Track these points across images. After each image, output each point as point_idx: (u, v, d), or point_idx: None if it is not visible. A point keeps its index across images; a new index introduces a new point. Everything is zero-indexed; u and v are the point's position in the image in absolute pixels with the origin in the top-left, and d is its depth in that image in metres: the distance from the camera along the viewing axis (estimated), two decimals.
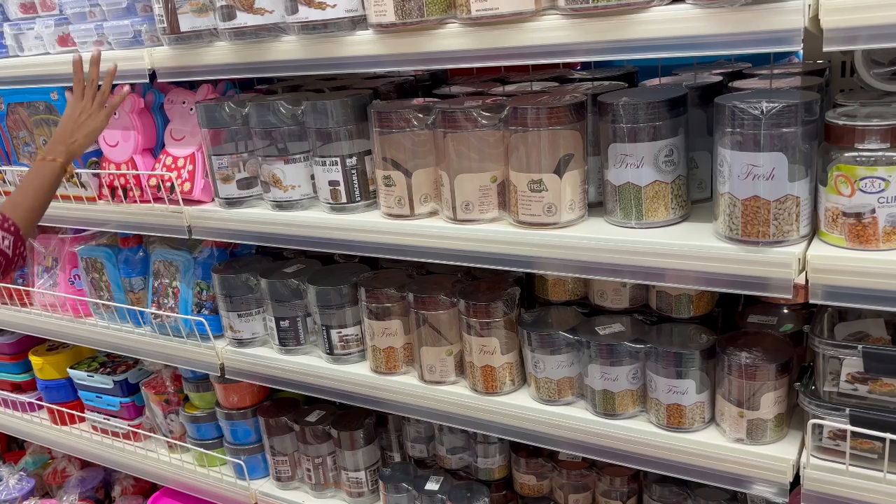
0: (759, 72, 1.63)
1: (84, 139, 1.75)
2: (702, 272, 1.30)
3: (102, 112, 1.77)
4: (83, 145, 1.76)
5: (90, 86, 1.76)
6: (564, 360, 1.60)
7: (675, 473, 1.51)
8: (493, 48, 1.33)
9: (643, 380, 1.54)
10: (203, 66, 1.72)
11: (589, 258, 1.40)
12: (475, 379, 1.70)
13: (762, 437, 1.42)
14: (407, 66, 1.45)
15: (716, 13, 1.14)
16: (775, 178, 1.21)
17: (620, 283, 1.65)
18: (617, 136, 1.37)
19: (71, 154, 1.74)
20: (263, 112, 1.76)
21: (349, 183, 1.69)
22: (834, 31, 1.07)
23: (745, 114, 1.20)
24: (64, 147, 1.73)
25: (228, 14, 1.59)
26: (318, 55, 1.53)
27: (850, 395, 1.30)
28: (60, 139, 1.74)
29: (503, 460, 2.03)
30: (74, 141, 1.74)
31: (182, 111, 2.00)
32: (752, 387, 1.40)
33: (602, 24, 1.22)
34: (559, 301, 1.75)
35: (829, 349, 1.29)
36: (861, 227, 1.19)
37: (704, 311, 1.62)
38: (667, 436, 1.50)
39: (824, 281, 1.21)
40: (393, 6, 1.37)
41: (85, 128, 1.75)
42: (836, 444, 1.32)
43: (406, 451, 2.17)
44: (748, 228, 1.25)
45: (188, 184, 1.94)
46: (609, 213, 1.45)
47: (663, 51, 1.20)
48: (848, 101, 1.31)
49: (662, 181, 1.37)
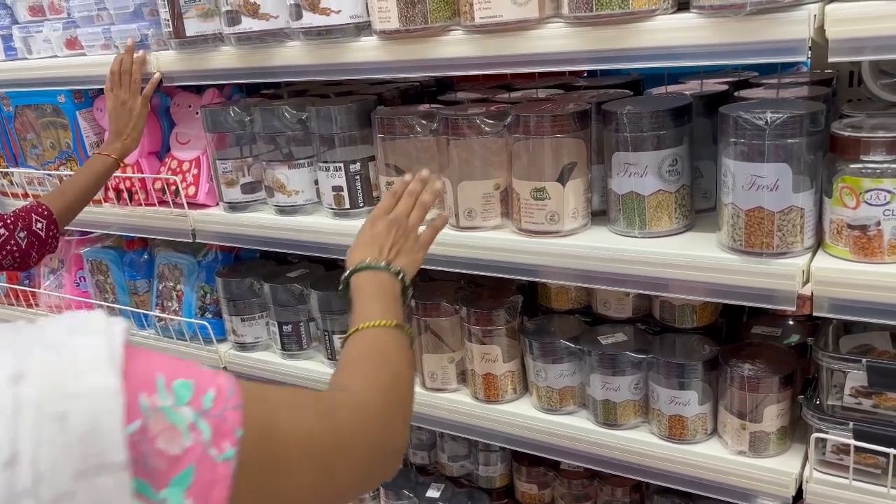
0: (765, 81, 1.62)
1: (132, 131, 1.83)
2: (705, 283, 1.29)
3: (138, 99, 1.83)
4: (135, 139, 1.84)
5: (126, 74, 1.83)
6: (566, 369, 1.59)
7: (676, 485, 1.49)
8: (496, 55, 1.33)
9: (645, 390, 1.53)
10: (208, 70, 1.73)
11: (591, 267, 1.39)
12: (476, 387, 1.70)
13: (765, 450, 1.41)
14: (410, 72, 1.45)
15: (720, 22, 1.13)
16: (779, 189, 1.20)
17: (624, 293, 1.64)
18: (620, 144, 1.36)
19: (125, 149, 1.83)
20: (268, 117, 1.76)
21: (353, 189, 1.69)
22: (839, 41, 1.06)
23: (749, 124, 1.19)
24: (120, 143, 1.81)
25: (233, 19, 1.59)
26: (322, 61, 1.53)
27: (855, 409, 1.28)
28: (116, 135, 1.83)
29: (505, 468, 2.02)
30: (126, 136, 1.82)
31: (188, 115, 2.00)
32: (755, 399, 1.39)
33: (606, 33, 1.22)
34: (562, 309, 1.74)
35: (833, 362, 1.28)
36: (866, 239, 1.18)
37: (708, 322, 1.60)
38: (668, 447, 1.48)
39: (828, 293, 1.20)
40: (397, 13, 1.36)
41: (130, 119, 1.82)
42: (840, 459, 1.30)
43: (407, 457, 2.17)
44: (752, 239, 1.24)
45: (193, 187, 1.95)
46: (612, 222, 1.44)
47: (667, 60, 1.20)
48: (854, 111, 1.30)
49: (666, 191, 1.36)
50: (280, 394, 0.76)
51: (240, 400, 0.65)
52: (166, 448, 0.59)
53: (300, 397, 0.80)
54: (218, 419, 0.62)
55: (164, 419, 0.59)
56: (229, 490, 0.61)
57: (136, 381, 0.59)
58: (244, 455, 0.63)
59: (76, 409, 0.55)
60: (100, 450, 0.55)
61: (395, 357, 0.99)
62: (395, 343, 1.01)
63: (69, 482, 0.54)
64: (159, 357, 0.63)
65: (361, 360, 0.98)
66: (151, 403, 0.59)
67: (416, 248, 1.19)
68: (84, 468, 0.54)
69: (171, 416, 0.59)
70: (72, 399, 0.55)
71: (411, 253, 1.18)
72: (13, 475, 0.53)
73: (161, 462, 0.58)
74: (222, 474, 0.61)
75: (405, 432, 0.93)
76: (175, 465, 0.59)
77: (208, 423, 0.62)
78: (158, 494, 0.58)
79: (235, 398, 0.65)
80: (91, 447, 0.55)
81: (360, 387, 0.90)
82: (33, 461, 0.53)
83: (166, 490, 0.58)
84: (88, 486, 0.54)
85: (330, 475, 0.76)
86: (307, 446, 0.73)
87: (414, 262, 1.18)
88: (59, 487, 0.54)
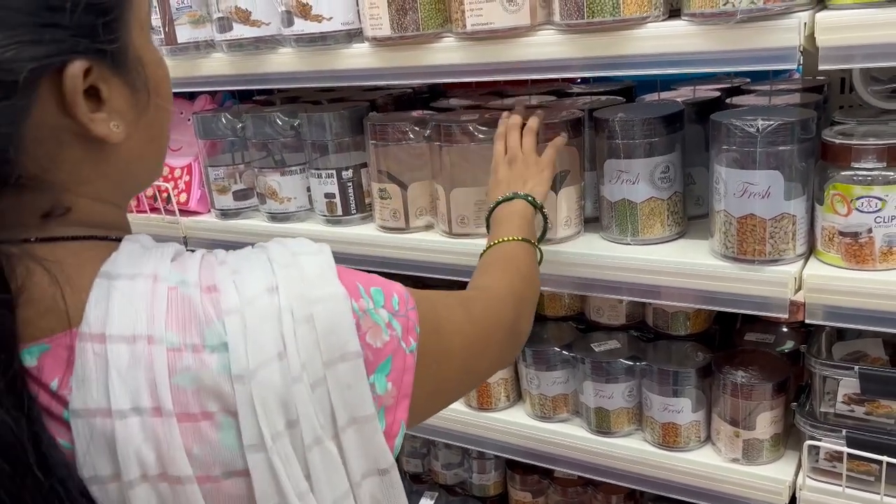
0: (757, 88, 1.62)
1: None
2: (697, 290, 1.29)
3: None
4: None
5: None
6: (560, 377, 1.59)
7: (669, 493, 1.49)
8: (488, 62, 1.32)
9: (639, 398, 1.53)
10: (200, 77, 1.72)
11: (584, 274, 1.39)
12: (470, 394, 1.69)
13: (758, 458, 1.40)
14: (402, 79, 1.45)
15: (711, 30, 1.13)
16: (771, 196, 1.20)
17: (617, 300, 1.64)
18: (613, 152, 1.36)
19: None
20: (260, 124, 1.76)
21: (345, 195, 1.68)
22: (829, 49, 1.06)
23: (740, 131, 1.19)
24: None
25: (225, 26, 1.59)
26: (314, 67, 1.52)
27: (847, 417, 1.28)
28: None
29: (498, 476, 2.01)
30: None
31: (179, 122, 2.00)
32: (748, 406, 1.39)
33: (597, 40, 1.21)
34: (555, 317, 1.74)
35: (826, 369, 1.28)
36: (857, 246, 1.18)
37: (701, 329, 1.60)
38: (662, 454, 1.48)
39: (820, 300, 1.20)
40: (388, 20, 1.36)
41: None
42: (833, 466, 1.30)
43: (401, 465, 2.16)
44: (744, 246, 1.24)
45: (184, 194, 1.94)
46: (605, 229, 1.44)
47: (659, 67, 1.19)
48: (845, 118, 1.30)
49: (658, 198, 1.36)
50: (437, 295, 0.88)
51: (414, 302, 0.78)
52: (373, 342, 0.71)
53: (450, 297, 0.92)
54: (404, 318, 0.75)
55: (371, 319, 0.72)
56: (414, 375, 0.74)
57: (346, 289, 0.71)
58: (422, 347, 0.77)
59: (319, 312, 0.68)
60: (341, 342, 0.68)
61: (523, 263, 1.14)
62: (524, 253, 1.16)
63: (321, 370, 0.67)
64: (349, 270, 0.76)
65: (493, 266, 1.14)
66: (360, 306, 0.72)
67: (539, 169, 1.29)
68: (330, 359, 0.68)
69: (374, 316, 0.72)
70: (314, 304, 0.68)
71: (537, 175, 1.29)
72: (286, 365, 0.66)
73: (369, 353, 0.71)
74: (410, 363, 0.74)
75: (530, 322, 1.11)
76: (378, 356, 0.72)
77: (398, 321, 0.75)
78: (368, 379, 0.70)
79: (411, 301, 0.78)
80: (334, 341, 0.68)
81: (492, 284, 1.07)
82: (296, 353, 0.66)
83: (373, 376, 0.71)
84: (334, 372, 0.68)
85: (476, 360, 0.92)
86: (461, 335, 0.88)
87: (542, 181, 1.29)
88: (315, 374, 0.67)
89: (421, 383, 0.76)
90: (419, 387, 0.75)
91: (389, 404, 0.72)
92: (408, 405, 0.74)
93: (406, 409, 0.74)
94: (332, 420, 0.68)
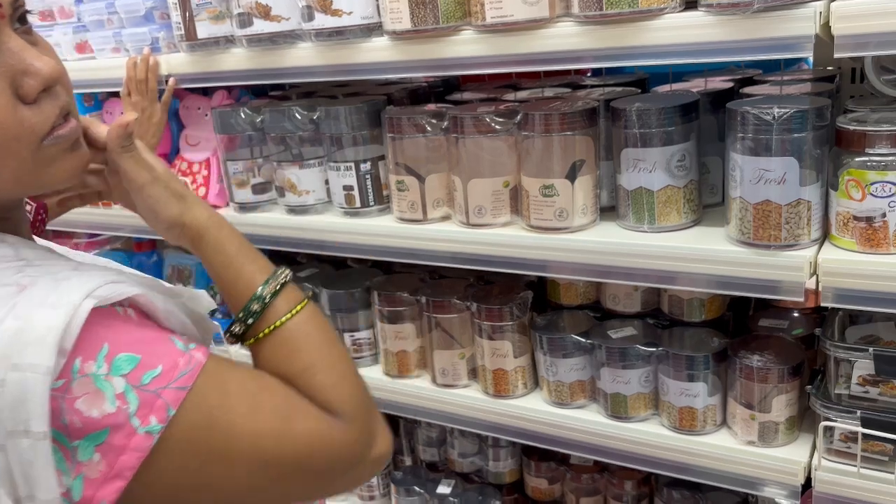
0: (769, 78, 1.65)
1: (151, 138, 1.85)
2: (714, 276, 1.31)
3: (157, 106, 1.85)
4: (153, 146, 1.86)
5: (142, 82, 1.85)
6: (576, 364, 1.62)
7: (686, 476, 1.51)
8: (507, 54, 1.35)
9: (655, 383, 1.56)
10: (219, 72, 1.75)
11: (602, 262, 1.41)
12: (487, 382, 1.72)
13: (774, 440, 1.43)
14: (421, 72, 1.47)
15: (728, 20, 1.15)
16: (786, 182, 1.23)
17: (633, 287, 1.66)
18: (629, 141, 1.38)
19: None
20: (279, 118, 1.78)
21: (363, 188, 1.71)
22: (844, 38, 1.08)
23: (756, 119, 1.21)
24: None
25: (245, 21, 1.61)
26: (334, 61, 1.55)
27: (862, 398, 1.31)
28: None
29: (514, 464, 2.04)
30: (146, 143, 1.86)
31: (197, 117, 2.02)
32: (764, 389, 1.41)
33: (615, 31, 1.24)
34: (571, 305, 1.77)
35: (841, 352, 1.31)
36: (872, 230, 1.20)
37: (716, 315, 1.63)
38: (678, 438, 1.51)
39: (835, 284, 1.22)
40: (409, 13, 1.39)
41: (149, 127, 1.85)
42: (848, 447, 1.33)
43: (417, 454, 2.19)
44: (760, 232, 1.26)
45: (203, 188, 1.97)
46: (621, 218, 1.46)
47: (676, 57, 1.22)
48: (858, 106, 1.33)
49: (675, 186, 1.38)
50: (248, 389, 0.76)
51: (189, 383, 0.70)
52: (85, 408, 0.65)
53: (277, 396, 0.78)
54: (151, 395, 0.67)
55: (92, 384, 0.65)
56: (143, 461, 0.66)
57: (82, 346, 0.65)
58: (176, 434, 0.68)
59: (11, 379, 0.62)
60: (25, 418, 0.63)
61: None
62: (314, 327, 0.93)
63: (3, 437, 0.63)
64: (130, 330, 0.70)
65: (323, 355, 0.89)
66: (81, 369, 0.65)
67: None
68: (14, 430, 0.63)
69: (99, 382, 0.66)
70: (11, 370, 0.63)
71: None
72: None
73: (76, 419, 0.65)
74: (139, 444, 0.66)
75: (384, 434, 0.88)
76: (91, 425, 0.65)
77: (138, 395, 0.67)
78: (72, 444, 0.65)
79: (184, 380, 0.69)
80: (20, 414, 0.63)
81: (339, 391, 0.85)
82: None
83: (79, 441, 0.65)
84: (15, 444, 0.63)
85: (279, 482, 0.76)
86: (254, 446, 0.73)
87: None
88: None
89: (163, 475, 0.68)
90: (158, 477, 0.68)
91: (93, 476, 0.65)
92: (121, 489, 0.66)
93: (116, 492, 0.66)
94: (14, 487, 0.64)
